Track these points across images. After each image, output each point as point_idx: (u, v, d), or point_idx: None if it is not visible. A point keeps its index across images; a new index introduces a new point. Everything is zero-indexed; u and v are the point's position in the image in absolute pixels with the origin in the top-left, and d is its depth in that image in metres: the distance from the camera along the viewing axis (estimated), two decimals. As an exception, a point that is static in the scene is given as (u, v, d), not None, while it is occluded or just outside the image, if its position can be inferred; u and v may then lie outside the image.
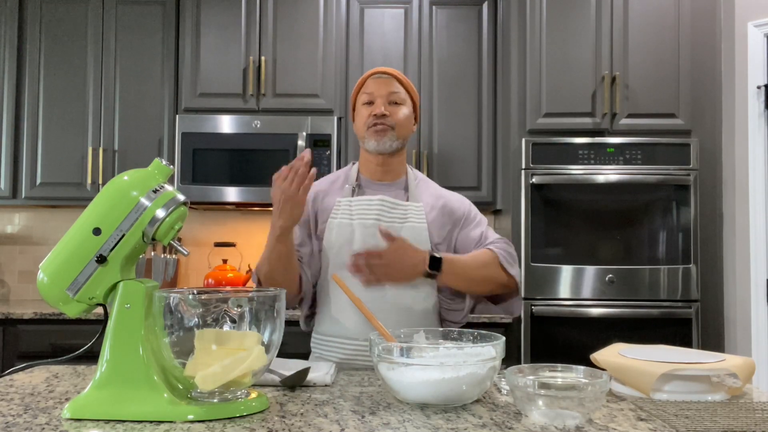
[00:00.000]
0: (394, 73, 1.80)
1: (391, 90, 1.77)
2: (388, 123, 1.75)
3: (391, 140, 1.76)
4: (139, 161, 3.33)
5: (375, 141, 1.75)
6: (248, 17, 3.43)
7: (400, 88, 1.79)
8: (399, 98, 1.78)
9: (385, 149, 1.76)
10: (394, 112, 1.76)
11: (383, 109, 1.75)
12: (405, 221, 1.74)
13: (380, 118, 1.74)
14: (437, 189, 1.87)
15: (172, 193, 1.19)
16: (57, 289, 1.16)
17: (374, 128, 1.75)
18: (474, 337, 1.34)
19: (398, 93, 1.78)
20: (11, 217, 3.76)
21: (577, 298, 2.97)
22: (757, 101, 3.02)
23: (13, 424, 1.06)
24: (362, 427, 1.06)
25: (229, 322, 1.15)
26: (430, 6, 3.47)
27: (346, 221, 1.74)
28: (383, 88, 1.77)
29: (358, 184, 1.82)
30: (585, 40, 3.13)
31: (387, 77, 1.78)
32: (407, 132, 1.80)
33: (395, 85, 1.78)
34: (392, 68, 1.84)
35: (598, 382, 1.09)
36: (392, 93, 1.77)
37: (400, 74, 1.82)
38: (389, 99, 1.76)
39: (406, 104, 1.79)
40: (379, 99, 1.76)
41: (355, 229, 1.73)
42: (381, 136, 1.75)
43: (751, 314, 2.98)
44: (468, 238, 1.79)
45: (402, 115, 1.77)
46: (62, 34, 3.44)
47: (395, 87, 1.78)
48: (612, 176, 2.98)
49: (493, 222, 3.74)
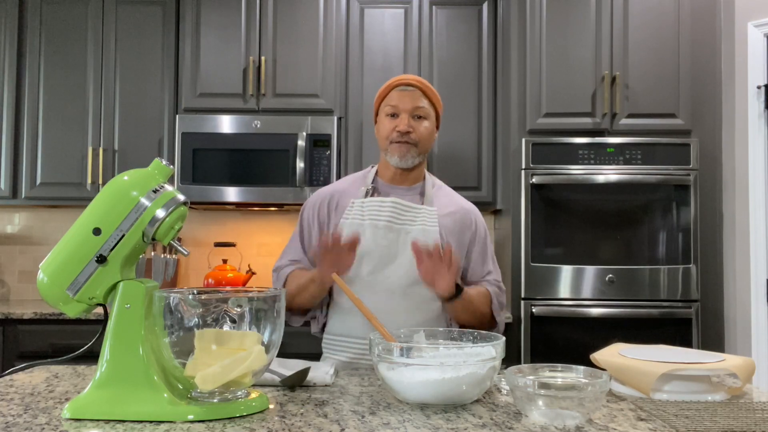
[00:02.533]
0: (419, 85, 1.78)
1: (417, 105, 1.76)
2: (411, 140, 1.75)
3: (413, 157, 1.77)
4: (139, 161, 3.32)
5: (398, 157, 1.77)
6: (248, 17, 3.43)
7: (424, 101, 1.77)
8: (423, 112, 1.77)
9: (407, 165, 1.79)
10: (418, 128, 1.76)
11: (407, 125, 1.74)
12: (416, 224, 1.74)
13: (404, 135, 1.74)
14: (455, 197, 1.88)
15: (172, 193, 1.19)
16: (57, 289, 1.16)
17: (397, 145, 1.75)
18: (474, 337, 1.34)
19: (423, 107, 1.76)
20: (11, 217, 3.76)
21: (577, 298, 2.97)
22: (757, 101, 3.02)
23: (13, 424, 1.06)
24: (362, 427, 1.06)
25: (229, 322, 1.15)
26: (430, 6, 3.47)
27: (358, 221, 1.75)
28: (408, 102, 1.75)
29: (374, 186, 1.84)
30: (585, 40, 3.13)
31: (412, 89, 1.77)
32: (429, 146, 1.81)
33: (420, 98, 1.77)
34: (418, 77, 1.81)
35: (598, 382, 1.09)
36: (417, 108, 1.76)
37: (425, 84, 1.79)
38: (413, 113, 1.75)
39: (429, 118, 1.79)
40: (404, 114, 1.75)
41: (366, 229, 1.73)
42: (404, 153, 1.76)
43: (751, 314, 2.98)
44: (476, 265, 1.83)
45: (425, 131, 1.77)
46: (62, 34, 3.44)
47: (420, 101, 1.76)
48: (612, 176, 2.98)
49: (493, 222, 3.74)
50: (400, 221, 1.74)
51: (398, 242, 1.73)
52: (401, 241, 1.73)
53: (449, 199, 1.86)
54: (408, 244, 1.70)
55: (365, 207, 1.76)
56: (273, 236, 3.72)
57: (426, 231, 1.73)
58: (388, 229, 1.73)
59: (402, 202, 1.76)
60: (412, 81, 1.78)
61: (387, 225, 1.73)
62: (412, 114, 1.75)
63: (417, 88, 1.77)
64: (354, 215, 1.77)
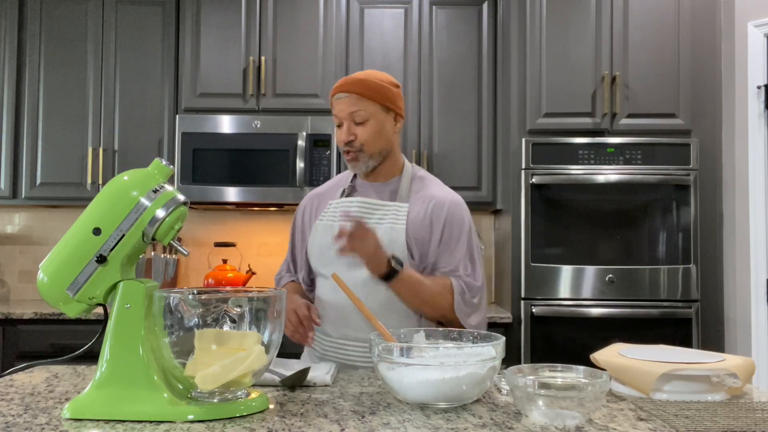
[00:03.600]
0: (352, 89, 1.71)
1: (352, 110, 1.71)
2: (354, 148, 1.72)
3: (365, 162, 1.75)
4: (139, 161, 3.32)
5: (350, 166, 1.78)
6: (248, 17, 3.43)
7: (361, 104, 1.71)
8: (361, 116, 1.71)
9: (363, 171, 1.78)
10: (361, 133, 1.71)
11: (348, 135, 1.72)
12: (384, 222, 1.72)
13: (347, 144, 1.73)
14: (431, 188, 1.80)
15: (172, 193, 1.19)
16: (57, 289, 1.16)
17: (346, 156, 1.75)
18: (474, 337, 1.34)
19: (359, 111, 1.71)
20: (11, 217, 3.76)
21: (577, 298, 2.97)
22: (757, 101, 3.02)
23: (13, 424, 1.06)
24: (362, 427, 1.06)
25: (229, 322, 1.15)
26: (430, 6, 3.47)
27: (330, 223, 1.76)
28: (344, 110, 1.72)
29: (351, 185, 1.84)
30: (585, 40, 3.13)
31: (346, 96, 1.71)
32: (383, 144, 1.75)
33: (356, 102, 1.71)
34: (355, 79, 1.73)
35: (598, 382, 1.09)
36: (354, 112, 1.71)
37: (360, 85, 1.72)
38: (353, 119, 1.72)
39: (372, 118, 1.72)
40: (345, 122, 1.72)
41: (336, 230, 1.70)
42: (354, 163, 1.75)
43: (751, 314, 2.98)
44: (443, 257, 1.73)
45: (367, 135, 1.72)
46: (62, 33, 3.44)
47: (355, 105, 1.71)
48: (612, 176, 2.98)
49: (493, 222, 3.74)
50: (368, 220, 1.71)
51: None
52: None
53: (424, 192, 1.78)
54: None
55: (338, 208, 1.78)
56: (273, 236, 3.72)
57: (393, 228, 1.70)
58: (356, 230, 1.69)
59: (369, 201, 1.75)
60: (347, 87, 1.72)
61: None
62: (351, 120, 1.72)
63: (351, 92, 1.71)
64: (328, 217, 1.78)
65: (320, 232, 1.77)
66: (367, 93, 1.71)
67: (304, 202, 1.90)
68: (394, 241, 1.69)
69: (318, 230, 1.78)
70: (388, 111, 1.75)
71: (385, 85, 1.74)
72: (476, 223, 3.74)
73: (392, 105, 1.75)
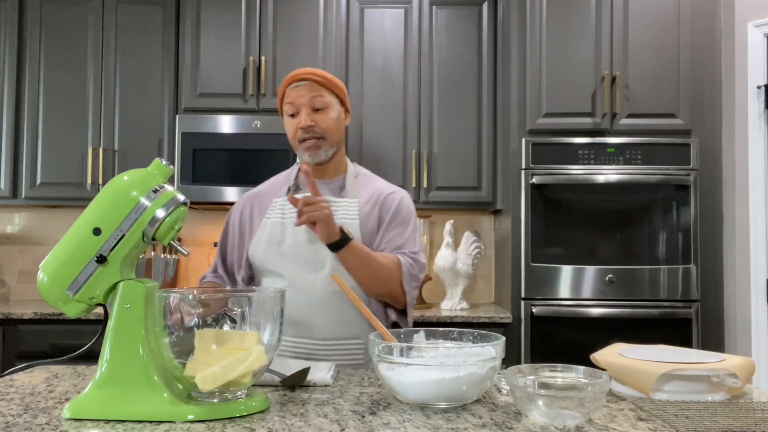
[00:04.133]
0: (313, 77, 1.72)
1: (313, 95, 1.71)
2: (316, 134, 1.71)
3: (325, 151, 1.75)
4: (139, 161, 3.33)
5: (309, 155, 1.75)
6: (248, 17, 3.43)
7: (321, 90, 1.72)
8: (322, 102, 1.72)
9: (321, 160, 1.76)
10: (321, 120, 1.72)
11: (308, 120, 1.70)
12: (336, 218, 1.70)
13: (308, 131, 1.71)
14: (379, 185, 1.83)
15: (172, 193, 1.19)
16: (57, 289, 1.16)
17: (305, 144, 1.73)
18: (474, 337, 1.34)
19: (321, 97, 1.72)
20: (11, 217, 3.76)
21: (577, 298, 2.97)
22: (757, 101, 3.02)
23: (13, 424, 1.06)
24: (362, 427, 1.06)
25: (229, 322, 1.15)
26: (430, 6, 3.47)
27: (278, 220, 1.75)
28: (304, 96, 1.71)
29: (296, 183, 1.82)
30: (585, 40, 3.13)
31: (306, 83, 1.72)
32: (339, 134, 1.77)
33: (316, 89, 1.72)
34: (312, 69, 1.75)
35: (598, 382, 1.09)
36: (314, 98, 1.71)
37: (319, 75, 1.73)
38: (312, 106, 1.71)
39: (331, 106, 1.74)
40: (303, 109, 1.71)
41: (285, 228, 1.72)
42: (314, 150, 1.73)
43: (751, 314, 2.98)
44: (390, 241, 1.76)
45: (329, 120, 1.73)
46: (62, 34, 3.44)
47: (315, 91, 1.72)
48: (612, 176, 2.98)
49: (493, 222, 3.74)
50: None
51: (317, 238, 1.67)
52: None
53: (371, 187, 1.81)
54: None
55: (285, 206, 1.76)
56: (273, 236, 3.72)
57: (346, 224, 1.70)
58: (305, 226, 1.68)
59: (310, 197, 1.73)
60: (305, 75, 1.72)
61: None
62: (311, 107, 1.71)
63: (311, 80, 1.72)
64: (275, 214, 1.76)
65: (269, 230, 1.75)
66: (325, 82, 1.73)
67: (241, 202, 1.88)
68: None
69: (266, 228, 1.75)
70: (342, 104, 1.78)
71: (336, 78, 1.78)
72: (476, 223, 3.75)
73: (344, 98, 1.78)
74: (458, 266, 3.34)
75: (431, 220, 3.64)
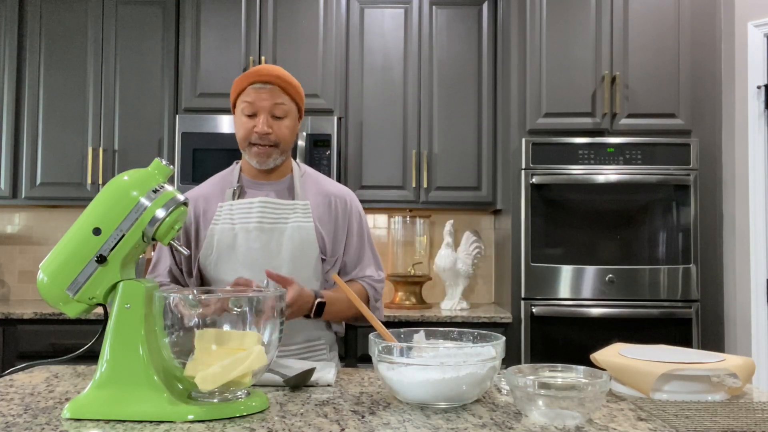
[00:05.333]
0: (278, 81, 1.64)
1: (276, 101, 1.64)
2: (271, 142, 1.65)
3: (275, 159, 1.69)
4: (139, 161, 3.33)
5: (257, 161, 1.68)
6: (248, 17, 3.43)
7: (283, 97, 1.65)
8: (283, 111, 1.65)
9: (269, 167, 1.70)
10: (278, 128, 1.65)
11: (266, 126, 1.63)
12: (290, 221, 1.67)
13: (263, 137, 1.64)
14: (324, 184, 1.79)
15: (172, 193, 1.19)
16: (57, 289, 1.16)
17: (256, 149, 1.66)
18: (474, 337, 1.34)
19: (282, 105, 1.65)
20: (11, 217, 3.76)
21: (577, 298, 2.97)
22: (757, 101, 3.02)
23: (13, 424, 1.06)
24: (362, 427, 1.06)
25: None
26: (430, 6, 3.47)
27: (228, 226, 1.66)
28: (267, 101, 1.63)
29: (240, 185, 1.74)
30: (585, 40, 3.13)
31: (269, 87, 1.64)
32: (291, 144, 1.71)
33: (280, 95, 1.64)
34: (277, 71, 1.66)
35: (598, 382, 1.09)
36: (276, 105, 1.64)
37: (284, 79, 1.66)
38: (272, 112, 1.64)
39: (290, 115, 1.67)
40: (262, 114, 1.63)
41: (237, 234, 1.65)
42: (264, 158, 1.67)
43: (751, 314, 2.98)
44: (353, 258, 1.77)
45: (286, 130, 1.67)
46: (62, 34, 3.44)
47: (279, 97, 1.64)
48: (612, 176, 2.98)
49: (493, 222, 3.74)
50: (271, 221, 1.65)
51: (271, 244, 1.65)
52: (275, 242, 1.65)
53: (319, 187, 1.76)
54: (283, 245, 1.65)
55: (234, 210, 1.67)
56: (273, 236, 3.71)
57: (302, 227, 1.66)
58: (260, 231, 1.64)
59: (272, 201, 1.67)
60: (271, 78, 1.64)
61: (258, 227, 1.64)
62: (271, 113, 1.64)
63: (276, 84, 1.64)
64: (224, 220, 1.67)
65: (218, 237, 1.66)
66: (288, 88, 1.66)
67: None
68: (305, 240, 1.66)
69: (215, 235, 1.67)
70: (299, 110, 1.72)
71: (298, 84, 1.71)
72: (476, 224, 3.75)
73: (302, 103, 1.72)
74: (458, 266, 3.34)
75: (431, 220, 3.63)
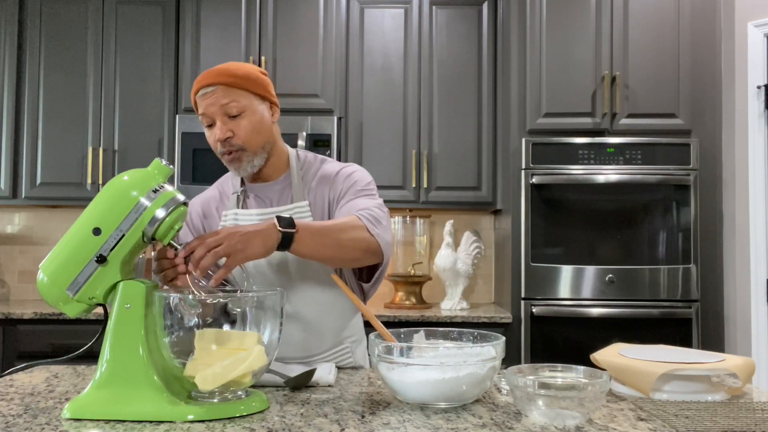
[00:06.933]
0: (220, 80, 1.53)
1: (223, 102, 1.52)
2: (234, 146, 1.54)
3: (250, 162, 1.58)
4: (139, 161, 3.33)
5: (233, 169, 1.59)
6: (248, 17, 3.43)
7: (233, 94, 1.53)
8: (237, 108, 1.53)
9: (248, 172, 1.59)
10: (237, 128, 1.53)
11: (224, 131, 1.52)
12: None
13: (225, 144, 1.54)
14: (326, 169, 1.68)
15: (172, 193, 1.19)
16: (57, 289, 1.16)
17: (227, 157, 1.56)
18: (474, 337, 1.34)
19: (234, 102, 1.53)
20: (11, 217, 3.76)
21: (577, 298, 2.97)
22: (757, 101, 3.02)
23: (13, 424, 1.06)
24: (362, 427, 1.06)
25: (229, 322, 1.15)
26: (430, 6, 3.47)
27: None
28: (213, 105, 1.52)
29: (243, 189, 1.67)
30: (585, 40, 3.13)
31: (212, 89, 1.52)
32: (264, 138, 1.58)
33: (227, 93, 1.52)
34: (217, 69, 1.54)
35: (598, 382, 1.09)
36: (226, 105, 1.52)
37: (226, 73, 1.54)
38: (226, 113, 1.53)
39: (248, 109, 1.55)
40: (217, 120, 1.53)
41: None
42: (237, 164, 1.57)
43: (751, 314, 2.98)
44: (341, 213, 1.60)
45: (248, 127, 1.54)
46: (62, 34, 3.44)
47: (225, 96, 1.52)
48: (612, 176, 2.98)
49: (493, 222, 3.74)
50: None
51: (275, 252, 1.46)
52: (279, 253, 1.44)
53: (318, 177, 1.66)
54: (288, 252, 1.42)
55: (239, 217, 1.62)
56: (273, 236, 3.71)
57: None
58: None
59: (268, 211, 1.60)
60: (211, 80, 1.52)
61: None
62: (226, 115, 1.53)
63: (219, 84, 1.52)
64: None
65: None
66: (236, 82, 1.53)
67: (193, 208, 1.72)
68: None
69: None
70: (263, 100, 1.60)
71: (253, 72, 1.57)
72: (476, 223, 3.75)
73: (266, 93, 1.60)
74: (458, 266, 3.34)
75: (431, 220, 3.63)
